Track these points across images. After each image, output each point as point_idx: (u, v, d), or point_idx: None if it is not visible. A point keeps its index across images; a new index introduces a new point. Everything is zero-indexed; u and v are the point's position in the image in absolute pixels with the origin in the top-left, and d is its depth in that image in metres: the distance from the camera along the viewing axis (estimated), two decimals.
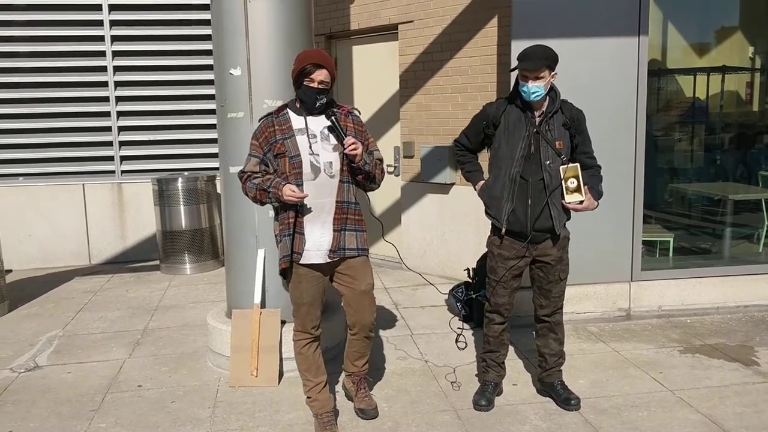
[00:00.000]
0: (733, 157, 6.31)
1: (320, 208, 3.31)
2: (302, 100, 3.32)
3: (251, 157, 3.35)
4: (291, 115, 3.35)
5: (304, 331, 3.49)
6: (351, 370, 3.76)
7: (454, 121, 6.26)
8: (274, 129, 3.32)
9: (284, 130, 3.30)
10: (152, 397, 4.08)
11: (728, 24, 6.10)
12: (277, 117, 3.35)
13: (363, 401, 3.73)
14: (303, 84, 3.26)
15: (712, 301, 5.33)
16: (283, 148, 3.26)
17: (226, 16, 4.23)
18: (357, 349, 3.68)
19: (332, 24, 7.22)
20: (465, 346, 4.74)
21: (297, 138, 3.28)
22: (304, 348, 3.52)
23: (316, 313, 3.47)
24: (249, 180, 3.34)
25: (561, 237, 3.65)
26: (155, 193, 7.17)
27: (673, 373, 4.24)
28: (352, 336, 3.63)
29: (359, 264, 3.45)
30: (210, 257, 7.33)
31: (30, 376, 4.45)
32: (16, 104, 7.46)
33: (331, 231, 3.34)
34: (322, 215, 3.32)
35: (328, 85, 3.28)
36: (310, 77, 3.23)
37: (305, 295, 3.41)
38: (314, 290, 3.42)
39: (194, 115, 7.80)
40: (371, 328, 3.60)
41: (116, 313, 5.78)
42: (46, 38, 7.42)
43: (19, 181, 7.52)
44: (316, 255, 3.35)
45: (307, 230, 3.32)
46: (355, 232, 3.41)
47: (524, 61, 3.43)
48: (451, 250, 6.50)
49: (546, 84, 3.46)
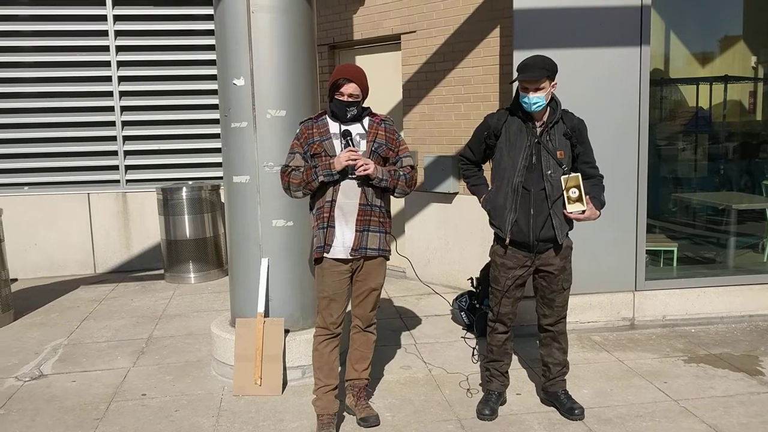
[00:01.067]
0: (737, 166, 6.31)
1: (346, 207, 3.48)
2: (333, 112, 3.52)
3: (295, 155, 3.55)
4: (328, 120, 3.56)
5: (324, 326, 3.61)
6: (351, 376, 3.80)
7: (457, 131, 6.28)
8: (312, 131, 3.54)
9: (322, 133, 3.52)
10: (156, 405, 4.09)
11: (731, 33, 6.12)
12: (316, 122, 3.57)
13: (364, 410, 3.75)
14: (334, 97, 3.48)
15: (717, 310, 5.32)
16: (321, 149, 3.47)
17: (229, 27, 4.26)
18: (357, 347, 3.76)
19: (335, 34, 7.26)
20: (478, 361, 4.67)
21: (333, 141, 3.49)
22: (321, 344, 3.62)
23: (338, 309, 3.59)
24: (293, 171, 3.51)
25: (564, 246, 3.65)
26: (160, 202, 7.20)
27: (678, 383, 4.23)
28: (353, 330, 3.76)
29: (376, 264, 3.62)
30: (214, 266, 7.35)
31: (35, 385, 4.46)
32: (23, 114, 7.51)
33: (354, 231, 3.49)
34: (346, 214, 3.49)
35: (357, 97, 3.49)
36: (340, 90, 3.46)
37: (327, 289, 3.56)
38: (336, 285, 3.55)
39: (198, 125, 7.84)
40: (371, 322, 3.74)
41: (121, 322, 5.79)
42: (52, 48, 7.48)
43: (25, 191, 7.56)
44: (340, 250, 3.51)
45: (337, 225, 3.50)
46: (378, 233, 3.56)
47: (524, 72, 3.45)
48: (454, 259, 6.50)
49: (547, 94, 3.48)
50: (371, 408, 3.79)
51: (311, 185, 3.46)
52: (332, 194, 3.46)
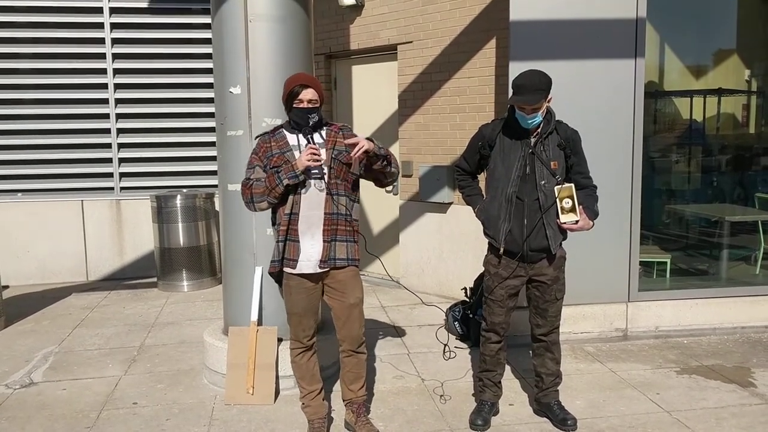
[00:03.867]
0: (730, 178, 6.34)
1: (310, 219, 3.41)
2: (296, 122, 3.45)
3: (255, 167, 3.45)
4: (286, 133, 3.49)
5: (297, 340, 3.60)
6: (348, 396, 3.72)
7: (453, 141, 6.30)
8: (270, 145, 3.46)
9: (281, 146, 3.44)
10: (147, 414, 4.07)
11: (725, 46, 6.16)
12: (273, 135, 3.51)
13: (364, 427, 3.66)
14: (294, 107, 3.40)
15: (709, 322, 5.33)
16: (281, 161, 3.38)
17: (227, 36, 4.27)
18: (350, 369, 3.67)
19: (332, 44, 7.29)
20: (454, 356, 4.76)
21: (294, 152, 3.41)
22: (298, 357, 3.63)
23: (309, 323, 3.57)
24: (255, 182, 3.42)
25: (557, 257, 3.66)
26: (154, 209, 7.18)
27: (670, 394, 4.23)
28: (342, 353, 3.66)
29: (349, 277, 3.52)
30: (207, 274, 7.33)
31: (25, 393, 4.43)
32: (17, 120, 7.50)
33: (321, 242, 3.43)
34: (312, 227, 3.42)
35: (316, 103, 3.42)
36: (298, 98, 3.38)
37: (296, 306, 3.52)
38: (305, 301, 3.50)
39: (194, 133, 7.84)
40: (360, 342, 3.63)
41: (112, 330, 5.77)
42: (48, 55, 7.48)
43: (18, 197, 7.53)
44: (307, 265, 3.44)
45: (302, 239, 3.42)
46: (345, 243, 3.49)
47: (520, 95, 3.43)
48: (448, 269, 6.51)
49: (543, 111, 3.49)
50: (371, 424, 3.70)
51: (275, 191, 3.32)
52: (292, 206, 3.37)
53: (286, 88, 3.41)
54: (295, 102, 3.38)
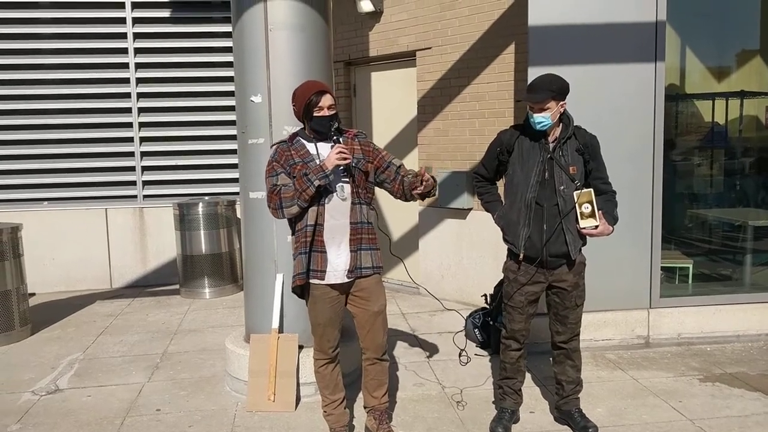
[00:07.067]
0: (754, 182, 6.26)
1: (335, 229, 3.39)
2: (317, 131, 3.40)
3: (279, 174, 3.38)
4: (304, 142, 3.46)
5: (321, 350, 3.58)
6: (371, 403, 3.71)
7: (472, 147, 6.29)
8: (290, 153, 3.42)
9: (302, 155, 3.40)
10: (170, 421, 4.11)
11: (747, 47, 6.09)
12: (291, 144, 3.46)
13: None
14: (314, 115, 3.36)
15: (733, 328, 5.26)
16: (306, 169, 3.31)
17: (247, 45, 4.32)
18: (373, 376, 3.66)
19: (351, 51, 7.32)
20: (470, 361, 4.78)
21: (317, 162, 3.36)
22: (322, 368, 3.62)
23: (333, 333, 3.54)
24: (282, 187, 3.36)
25: (577, 262, 3.65)
26: (176, 217, 7.26)
27: (693, 402, 4.19)
28: (366, 361, 3.65)
29: (372, 285, 3.51)
30: (229, 282, 7.39)
31: (51, 399, 4.50)
32: (42, 130, 7.64)
33: (348, 251, 3.42)
34: (337, 236, 3.40)
35: (334, 108, 3.40)
36: (318, 106, 3.34)
37: (321, 316, 3.49)
38: (330, 311, 3.49)
39: (215, 141, 7.92)
40: (384, 350, 3.62)
41: (136, 337, 5.84)
42: (71, 65, 7.61)
43: (44, 206, 7.66)
44: (334, 275, 3.43)
45: (329, 250, 3.41)
46: (370, 251, 3.48)
47: (529, 93, 3.50)
48: (468, 275, 6.49)
49: (553, 114, 3.49)
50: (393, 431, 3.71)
51: (306, 193, 3.26)
52: (316, 217, 3.34)
53: (300, 99, 3.37)
54: (315, 110, 3.34)
